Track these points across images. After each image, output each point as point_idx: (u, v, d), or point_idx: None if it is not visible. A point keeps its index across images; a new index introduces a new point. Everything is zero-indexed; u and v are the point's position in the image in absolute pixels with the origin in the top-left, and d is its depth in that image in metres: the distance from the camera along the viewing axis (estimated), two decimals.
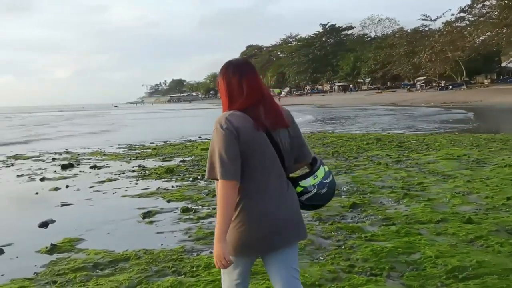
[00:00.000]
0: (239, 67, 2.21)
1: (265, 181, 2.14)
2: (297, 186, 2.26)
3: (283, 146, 2.18)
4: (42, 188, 8.74)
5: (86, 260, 4.49)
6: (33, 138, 23.99)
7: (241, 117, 2.10)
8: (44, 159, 13.81)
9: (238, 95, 2.16)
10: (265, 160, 2.13)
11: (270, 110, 2.18)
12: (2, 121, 49.56)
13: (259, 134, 2.10)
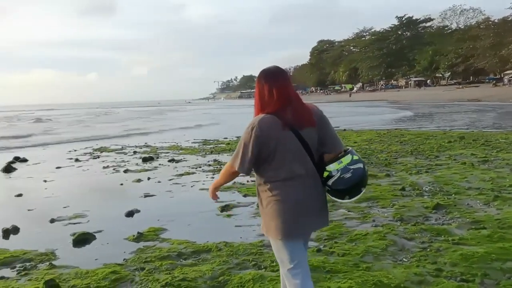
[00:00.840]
0: (270, 76, 2.52)
1: (292, 173, 2.44)
2: (323, 171, 2.51)
3: (311, 143, 2.48)
4: (126, 180, 9.26)
5: (171, 250, 4.68)
6: (134, 132, 25.36)
7: (270, 119, 2.43)
8: (126, 152, 14.63)
9: (268, 100, 2.49)
10: (291, 155, 2.43)
11: (297, 113, 2.47)
12: (104, 116, 52.96)
13: (285, 133, 2.42)
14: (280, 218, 2.46)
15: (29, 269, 4.31)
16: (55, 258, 4.63)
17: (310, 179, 2.49)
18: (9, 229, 5.63)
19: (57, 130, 29.11)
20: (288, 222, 2.45)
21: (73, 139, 21.02)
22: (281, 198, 2.46)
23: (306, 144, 2.46)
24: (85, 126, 32.94)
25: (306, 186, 2.48)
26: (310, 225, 2.55)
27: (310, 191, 2.49)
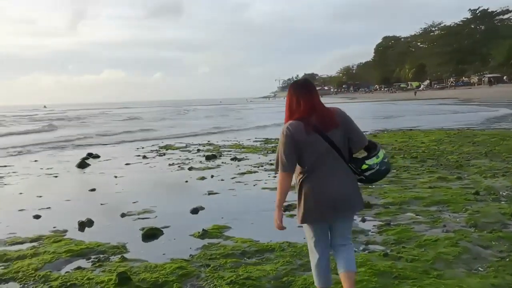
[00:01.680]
0: (299, 89, 2.99)
1: (321, 168, 2.90)
2: (362, 164, 2.96)
3: (337, 141, 2.91)
4: (190, 177, 9.51)
5: (235, 248, 4.73)
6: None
7: (297, 125, 2.88)
8: (190, 149, 15.04)
9: (296, 109, 2.95)
10: (318, 154, 2.88)
11: (322, 118, 2.91)
12: (187, 114, 54.93)
13: (312, 136, 2.86)
14: (304, 207, 2.94)
15: (103, 261, 4.54)
16: (126, 251, 4.84)
17: (339, 173, 2.93)
18: (84, 222, 5.97)
19: (153, 126, 30.47)
20: (309, 210, 2.93)
21: (173, 135, 21.93)
22: (309, 190, 2.91)
23: (333, 143, 2.89)
24: (172, 123, 34.33)
25: (333, 179, 2.92)
26: (335, 212, 2.95)
27: (341, 182, 2.94)
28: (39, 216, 6.51)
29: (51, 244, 5.13)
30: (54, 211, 6.84)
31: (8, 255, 4.75)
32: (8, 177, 10.37)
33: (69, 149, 17.20)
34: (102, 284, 3.90)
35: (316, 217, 2.98)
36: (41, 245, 5.14)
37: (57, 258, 4.64)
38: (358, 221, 5.67)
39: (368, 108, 49.73)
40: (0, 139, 23.12)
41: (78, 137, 22.68)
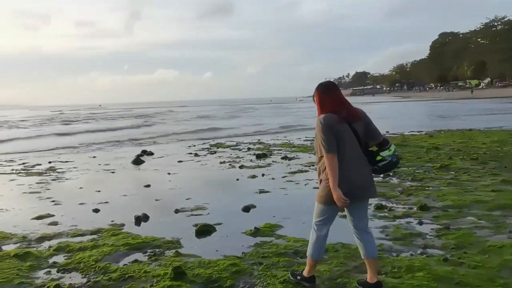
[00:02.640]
0: (327, 88, 3.51)
1: (347, 156, 3.34)
2: (377, 156, 3.43)
3: (360, 133, 3.40)
4: (241, 175, 9.58)
5: (287, 247, 4.70)
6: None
7: (330, 116, 3.37)
8: (241, 148, 15.16)
9: (327, 104, 3.44)
10: (347, 142, 3.34)
11: (350, 111, 3.43)
12: (248, 112, 55.74)
13: (342, 126, 3.35)
14: (325, 190, 3.37)
15: (158, 255, 4.66)
16: (180, 247, 4.94)
17: (360, 161, 3.39)
18: (140, 217, 6.16)
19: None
20: (329, 194, 3.32)
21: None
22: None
23: (357, 134, 3.38)
24: (246, 121, 34.96)
25: (356, 166, 3.36)
26: (356, 196, 3.35)
27: (359, 170, 3.38)
28: (98, 210, 6.79)
29: (110, 237, 5.32)
30: (112, 206, 7.11)
31: (71, 246, 4.98)
32: (69, 172, 10.91)
33: (126, 146, 17.85)
34: (158, 277, 4.00)
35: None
36: (100, 237, 5.35)
37: (116, 250, 4.80)
38: (415, 224, 5.47)
39: (423, 107, 48.02)
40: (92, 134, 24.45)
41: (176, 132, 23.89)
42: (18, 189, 8.80)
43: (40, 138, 23.27)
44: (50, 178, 9.93)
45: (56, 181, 9.62)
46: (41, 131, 28.67)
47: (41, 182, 9.47)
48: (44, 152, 16.14)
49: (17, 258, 4.60)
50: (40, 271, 4.32)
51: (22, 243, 5.21)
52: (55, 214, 6.59)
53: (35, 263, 4.50)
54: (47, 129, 30.49)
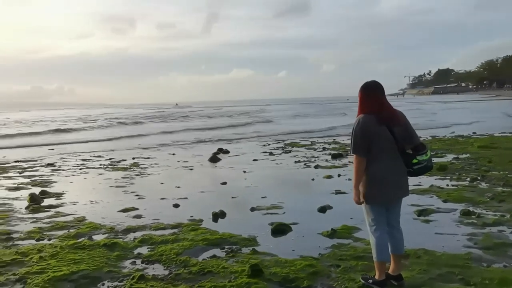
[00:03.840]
0: (370, 89, 3.57)
1: (384, 157, 3.48)
2: (413, 159, 3.50)
3: (397, 135, 3.48)
4: (316, 175, 9.47)
5: (366, 250, 4.54)
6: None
7: (369, 117, 3.48)
8: (316, 147, 15.00)
9: (368, 104, 3.52)
10: (383, 144, 3.46)
11: (390, 115, 3.52)
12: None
13: (380, 128, 3.45)
14: (369, 188, 3.50)
15: (236, 252, 4.73)
16: (256, 245, 4.98)
17: (396, 162, 3.51)
18: (217, 213, 6.30)
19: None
20: (373, 191, 3.49)
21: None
22: (373, 174, 3.47)
23: (395, 136, 3.47)
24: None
25: (393, 167, 3.50)
26: (391, 196, 3.56)
27: (395, 170, 3.51)
28: (178, 205, 7.05)
29: (189, 232, 5.50)
30: (191, 201, 7.35)
31: (153, 239, 5.22)
32: (150, 168, 11.46)
33: (202, 144, 18.43)
34: (236, 274, 4.05)
35: (381, 199, 3.54)
36: (180, 232, 5.55)
37: (195, 245, 4.95)
38: (509, 232, 5.05)
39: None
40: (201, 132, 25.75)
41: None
42: (105, 183, 9.41)
43: (149, 136, 24.05)
44: (134, 173, 10.50)
45: (139, 176, 10.16)
46: (148, 128, 30.17)
47: (126, 177, 10.04)
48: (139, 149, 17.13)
49: (105, 247, 4.91)
50: (126, 261, 4.57)
51: (110, 234, 5.55)
52: (139, 207, 6.95)
53: (121, 253, 4.77)
54: (153, 126, 32.24)
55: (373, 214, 3.60)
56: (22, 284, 3.96)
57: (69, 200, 7.69)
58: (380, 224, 3.60)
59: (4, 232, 5.66)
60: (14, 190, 8.68)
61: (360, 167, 3.48)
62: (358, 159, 3.48)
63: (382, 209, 3.60)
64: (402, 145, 3.52)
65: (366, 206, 3.62)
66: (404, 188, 3.61)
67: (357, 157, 3.47)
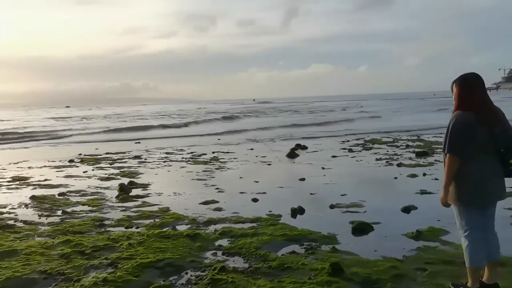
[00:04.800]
0: (468, 83, 3.29)
1: (481, 157, 3.23)
2: (510, 159, 3.23)
3: (497, 135, 3.20)
4: (399, 173, 9.06)
5: (455, 255, 4.25)
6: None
7: (467, 114, 3.22)
8: (398, 145, 14.38)
9: (467, 101, 3.26)
10: (482, 145, 3.20)
11: (489, 112, 3.25)
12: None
13: (479, 127, 3.19)
14: (463, 190, 3.26)
15: (315, 249, 4.66)
16: (336, 243, 4.87)
17: (493, 163, 3.25)
18: (296, 209, 6.26)
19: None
20: (468, 193, 3.25)
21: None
22: (469, 175, 3.23)
23: (495, 137, 3.20)
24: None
25: (489, 168, 3.24)
26: (489, 198, 3.31)
27: (493, 172, 3.25)
28: (256, 200, 7.12)
29: (268, 226, 5.52)
30: (269, 196, 7.39)
31: (233, 232, 5.31)
32: (230, 162, 11.71)
33: (280, 139, 18.49)
34: (315, 271, 3.99)
35: (476, 202, 3.28)
36: (259, 226, 5.59)
37: (274, 240, 4.96)
38: None
39: None
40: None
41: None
42: (187, 175, 9.77)
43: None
44: (214, 167, 10.79)
45: (219, 170, 10.42)
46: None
47: (206, 170, 10.35)
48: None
49: (188, 238, 5.08)
50: (207, 252, 4.69)
51: (192, 225, 5.75)
52: (219, 200, 7.12)
53: (203, 244, 4.90)
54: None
55: (466, 217, 3.34)
56: (113, 268, 4.22)
57: (155, 191, 8.08)
58: (474, 228, 3.33)
59: (98, 219, 6.09)
60: (105, 180, 9.32)
61: (453, 167, 3.24)
62: (451, 159, 3.23)
63: (476, 212, 3.32)
64: (500, 145, 3.27)
65: (459, 209, 3.36)
66: (501, 190, 3.33)
67: (451, 156, 3.23)
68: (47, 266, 4.25)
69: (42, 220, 6.16)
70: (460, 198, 3.28)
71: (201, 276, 4.00)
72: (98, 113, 56.37)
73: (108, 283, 3.84)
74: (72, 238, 5.11)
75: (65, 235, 5.30)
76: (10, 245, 4.87)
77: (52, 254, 4.62)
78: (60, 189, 8.33)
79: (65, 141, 21.14)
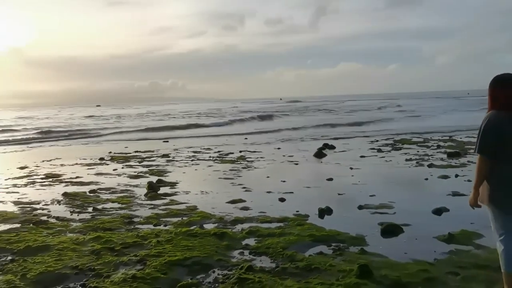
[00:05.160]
0: (502, 82, 3.20)
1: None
2: None
3: None
4: (430, 174, 8.85)
5: (490, 259, 4.10)
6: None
7: (502, 115, 3.13)
8: (429, 145, 14.06)
9: (499, 100, 3.17)
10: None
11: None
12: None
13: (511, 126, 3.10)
14: (496, 192, 3.14)
15: (343, 250, 4.59)
16: (365, 244, 4.78)
17: None
18: (324, 209, 6.20)
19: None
20: (501, 196, 3.13)
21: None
22: (503, 177, 3.12)
23: None
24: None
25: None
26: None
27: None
28: (283, 199, 7.09)
29: (295, 226, 5.48)
30: (296, 196, 7.34)
31: (260, 231, 5.30)
32: (256, 161, 11.71)
33: (307, 139, 18.37)
34: (343, 273, 3.93)
35: (510, 205, 3.13)
36: (286, 226, 5.55)
37: (301, 240, 4.91)
38: None
39: None
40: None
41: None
42: (214, 174, 9.83)
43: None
44: (241, 166, 10.81)
45: (246, 169, 10.43)
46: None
47: (233, 169, 10.38)
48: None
49: (215, 236, 5.10)
50: (234, 251, 4.69)
51: (219, 224, 5.76)
52: (246, 199, 7.12)
53: (230, 243, 4.91)
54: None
55: (501, 221, 3.21)
56: (142, 265, 4.27)
57: (182, 189, 8.16)
58: (510, 231, 3.18)
59: (127, 216, 6.19)
60: (134, 178, 9.47)
61: (483, 167, 3.17)
62: (482, 159, 3.16)
63: (506, 219, 3.18)
64: None
65: (494, 211, 3.23)
66: None
67: (481, 156, 3.16)
68: (78, 262, 4.34)
69: (73, 217, 6.31)
70: (492, 200, 3.18)
71: (228, 275, 4.00)
72: (130, 112, 57.41)
73: (137, 280, 3.89)
74: (103, 234, 5.21)
75: (96, 231, 5.41)
76: (43, 241, 5.01)
77: (83, 250, 4.72)
78: (91, 186, 8.52)
79: (97, 140, 21.65)
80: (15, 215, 6.39)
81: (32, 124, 36.14)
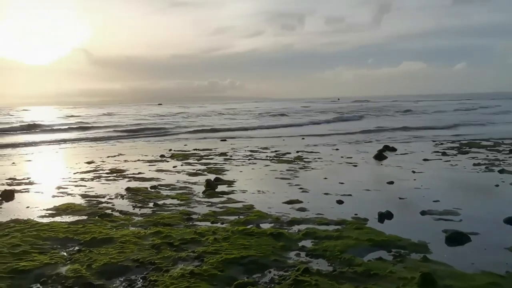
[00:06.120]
0: None
1: None
2: None
3: None
4: (502, 181, 8.30)
5: None
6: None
7: None
8: (500, 149, 13.21)
9: None
10: None
11: None
12: None
13: None
14: None
15: (404, 257, 4.40)
16: (427, 252, 4.55)
17: None
18: (384, 214, 5.98)
19: None
20: None
21: None
22: None
23: None
24: None
25: None
26: None
27: None
28: (341, 202, 6.93)
29: (353, 230, 5.33)
30: (355, 199, 7.15)
31: (317, 233, 5.20)
32: (314, 162, 11.56)
33: (366, 140, 17.90)
34: (404, 280, 3.76)
35: None
36: (344, 229, 5.41)
37: (359, 244, 4.77)
38: None
39: None
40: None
41: None
42: (271, 174, 9.81)
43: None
44: (298, 167, 10.72)
45: (303, 169, 10.32)
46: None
47: (290, 169, 10.31)
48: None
49: (272, 237, 5.08)
50: (291, 252, 4.64)
51: (275, 224, 5.73)
52: (303, 200, 7.03)
53: (286, 243, 4.86)
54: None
55: None
56: (199, 261, 4.34)
57: (239, 188, 8.22)
58: None
59: (186, 213, 6.33)
60: (193, 175, 9.68)
61: None
62: None
63: None
64: None
65: None
66: None
67: None
68: (140, 255, 4.49)
69: (135, 211, 6.55)
70: None
71: (284, 276, 3.96)
72: (192, 111, 58.80)
73: (194, 276, 3.95)
74: (162, 229, 5.35)
75: (156, 226, 5.57)
76: (107, 233, 5.24)
77: (144, 244, 4.87)
78: (152, 183, 8.81)
79: (161, 139, 22.42)
80: (82, 207, 6.74)
81: (105, 122, 37.35)
